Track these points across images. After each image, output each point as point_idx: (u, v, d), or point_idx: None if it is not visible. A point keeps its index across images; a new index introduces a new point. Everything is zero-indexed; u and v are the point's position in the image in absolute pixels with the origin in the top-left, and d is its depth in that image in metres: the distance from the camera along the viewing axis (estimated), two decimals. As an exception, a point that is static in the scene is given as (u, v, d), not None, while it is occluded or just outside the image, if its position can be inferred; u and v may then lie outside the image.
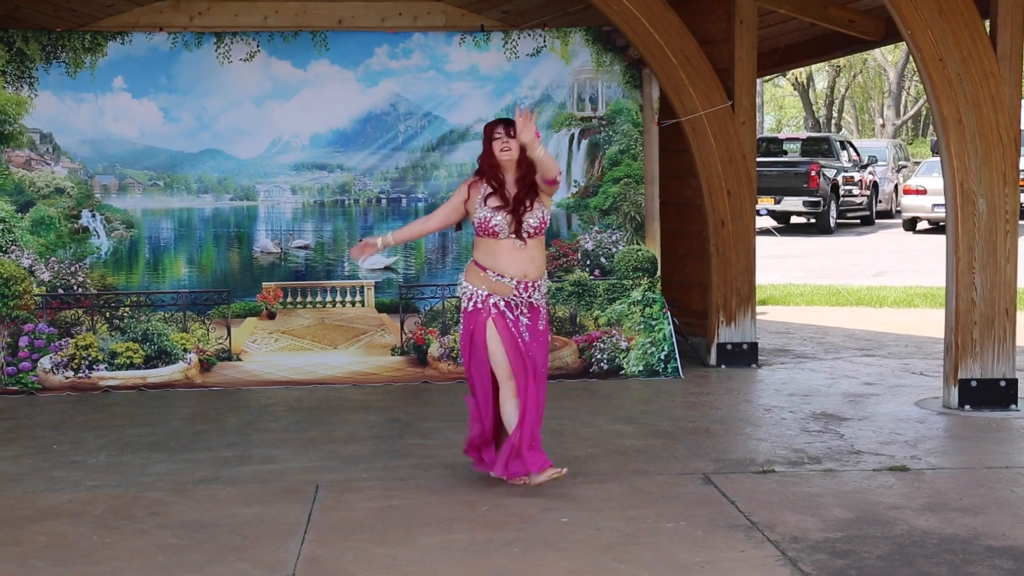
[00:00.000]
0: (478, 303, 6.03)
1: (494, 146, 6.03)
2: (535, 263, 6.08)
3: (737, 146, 9.32)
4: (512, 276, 6.02)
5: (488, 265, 6.05)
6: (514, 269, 6.02)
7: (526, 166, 6.02)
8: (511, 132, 5.98)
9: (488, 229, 6.02)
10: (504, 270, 6.02)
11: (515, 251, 6.03)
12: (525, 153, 5.97)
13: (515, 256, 6.02)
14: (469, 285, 6.08)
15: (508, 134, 6.00)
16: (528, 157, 5.97)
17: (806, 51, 12.10)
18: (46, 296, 8.93)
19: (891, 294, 14.59)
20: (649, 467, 6.46)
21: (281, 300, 9.23)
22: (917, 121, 52.19)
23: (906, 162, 33.43)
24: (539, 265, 6.12)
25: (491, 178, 6.07)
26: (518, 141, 5.91)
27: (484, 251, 6.07)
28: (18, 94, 8.89)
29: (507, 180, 6.06)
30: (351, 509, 5.71)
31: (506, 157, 6.03)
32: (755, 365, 9.57)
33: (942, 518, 5.46)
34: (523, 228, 6.00)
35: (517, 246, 6.02)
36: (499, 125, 6.07)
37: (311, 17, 9.62)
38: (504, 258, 6.02)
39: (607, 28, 9.26)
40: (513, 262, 6.02)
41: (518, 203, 6.00)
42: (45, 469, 6.53)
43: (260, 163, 9.32)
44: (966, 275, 7.75)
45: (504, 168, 6.05)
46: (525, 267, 6.04)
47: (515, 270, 6.02)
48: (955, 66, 7.57)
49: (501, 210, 5.99)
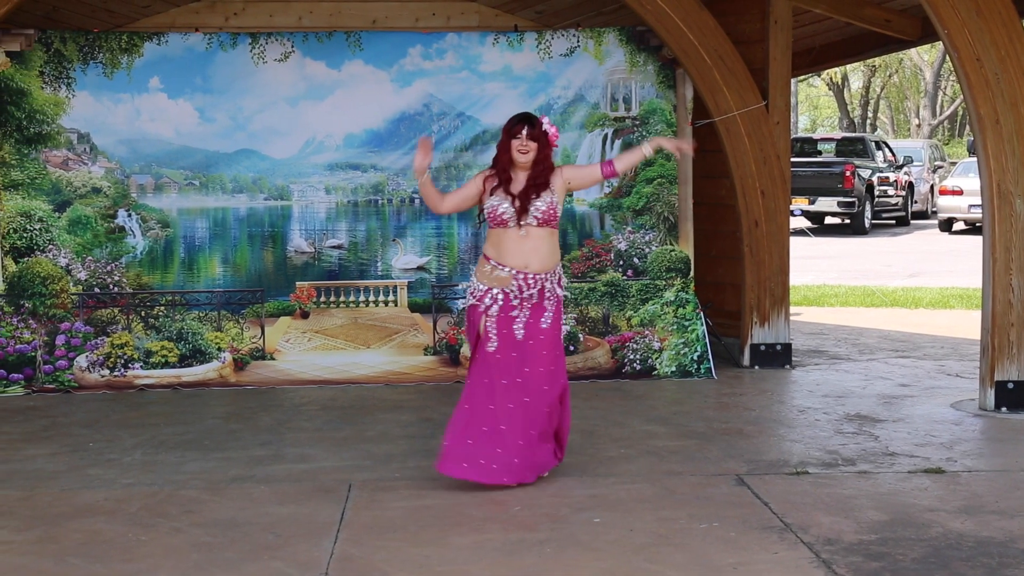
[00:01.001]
0: (475, 298, 6.07)
1: (512, 144, 6.04)
2: (538, 254, 6.03)
3: (771, 146, 9.28)
4: (512, 266, 6.01)
5: (492, 256, 6.07)
6: (515, 259, 6.01)
7: (541, 167, 6.04)
8: (532, 134, 6.01)
9: (497, 218, 6.03)
10: (505, 260, 6.02)
11: (518, 240, 6.01)
12: (541, 154, 6.02)
13: (518, 246, 6.01)
14: (473, 280, 6.13)
15: (529, 136, 6.01)
16: (543, 158, 6.02)
17: (841, 51, 12.04)
18: (83, 295, 9.00)
19: (926, 295, 14.49)
20: (682, 468, 6.44)
21: (315, 300, 9.27)
22: (953, 121, 51.80)
23: (942, 162, 33.21)
24: (542, 257, 6.05)
25: (503, 170, 6.07)
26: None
27: (491, 242, 6.10)
28: (56, 94, 8.96)
29: (517, 177, 6.07)
30: (384, 508, 5.72)
31: (523, 159, 6.04)
32: (789, 366, 9.53)
33: (978, 521, 5.42)
34: (529, 214, 5.99)
35: (521, 235, 6.00)
36: (522, 124, 6.06)
37: (345, 17, 9.65)
38: (507, 247, 6.02)
39: (641, 28, 9.24)
40: (515, 252, 6.01)
41: (525, 192, 6.00)
42: (81, 467, 6.59)
43: (294, 163, 9.36)
44: (1003, 276, 7.70)
45: (518, 166, 6.07)
46: (527, 257, 6.01)
47: (516, 260, 6.01)
48: (992, 65, 7.51)
49: (507, 198, 6.00)
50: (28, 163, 8.93)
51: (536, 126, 6.05)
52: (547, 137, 6.09)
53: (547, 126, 6.11)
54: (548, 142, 6.10)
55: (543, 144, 6.06)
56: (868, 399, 8.31)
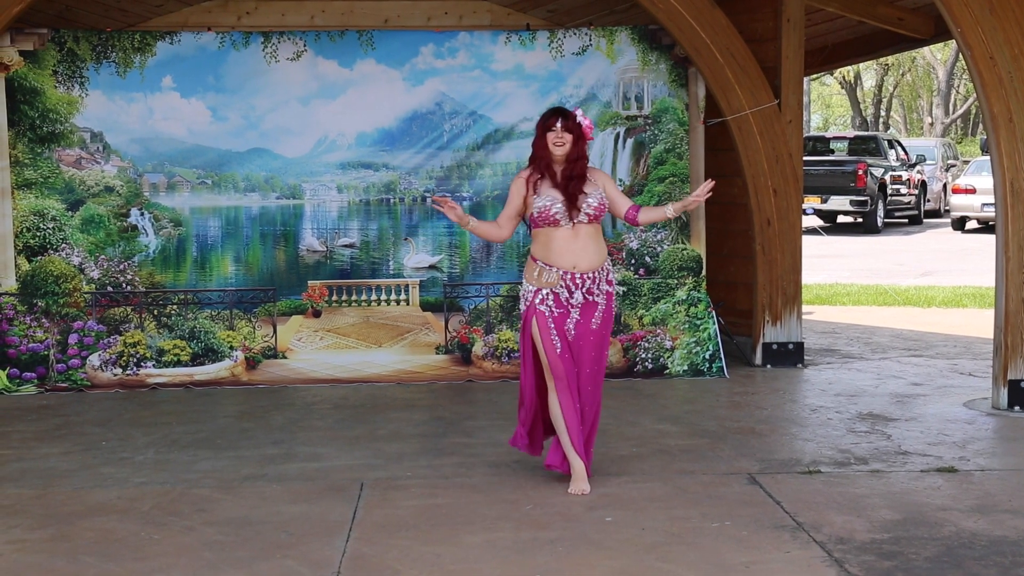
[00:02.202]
0: (527, 301, 6.03)
1: (548, 137, 6.01)
2: (587, 252, 5.98)
3: (783, 145, 9.27)
4: (560, 266, 5.96)
5: (540, 256, 6.01)
6: (564, 259, 5.96)
7: (575, 160, 6.01)
8: (567, 125, 5.99)
9: (548, 218, 5.96)
10: (554, 260, 5.96)
11: (568, 240, 5.96)
12: (576, 147, 6.00)
13: (567, 246, 5.95)
14: (524, 282, 6.09)
15: (564, 128, 5.99)
16: (578, 151, 6.00)
17: (854, 49, 12.02)
18: (95, 294, 9.02)
19: (939, 294, 14.46)
20: (694, 467, 6.43)
21: (327, 298, 9.28)
22: (966, 120, 51.64)
23: (955, 161, 33.11)
24: (591, 255, 6.00)
25: (547, 166, 6.02)
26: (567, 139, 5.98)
27: (539, 243, 6.03)
28: (69, 94, 8.98)
29: (556, 172, 6.02)
30: (396, 507, 5.73)
31: (559, 152, 6.00)
32: (801, 365, 9.51)
33: (991, 520, 5.41)
34: (581, 212, 5.94)
35: (570, 234, 5.95)
36: (556, 117, 6.04)
37: (357, 16, 9.66)
38: (556, 247, 5.96)
39: (653, 27, 9.24)
40: (564, 252, 5.95)
41: (572, 189, 5.95)
42: (94, 465, 6.61)
43: (306, 162, 9.37)
44: (1016, 275, 7.67)
45: (555, 160, 6.03)
46: (576, 257, 5.96)
47: (565, 260, 5.96)
48: (1006, 64, 7.49)
49: (558, 196, 5.95)
50: (41, 162, 8.95)
51: (570, 118, 6.03)
52: (581, 129, 6.06)
53: (580, 118, 6.08)
54: (583, 134, 6.06)
55: (578, 136, 6.03)
56: (880, 398, 8.30)
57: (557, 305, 5.97)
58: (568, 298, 5.97)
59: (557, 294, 5.96)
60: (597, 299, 6.02)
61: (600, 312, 6.03)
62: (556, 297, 5.97)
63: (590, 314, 6.00)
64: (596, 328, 6.02)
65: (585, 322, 6.00)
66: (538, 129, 6.08)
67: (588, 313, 6.00)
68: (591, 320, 6.01)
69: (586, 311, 5.99)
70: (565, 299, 5.97)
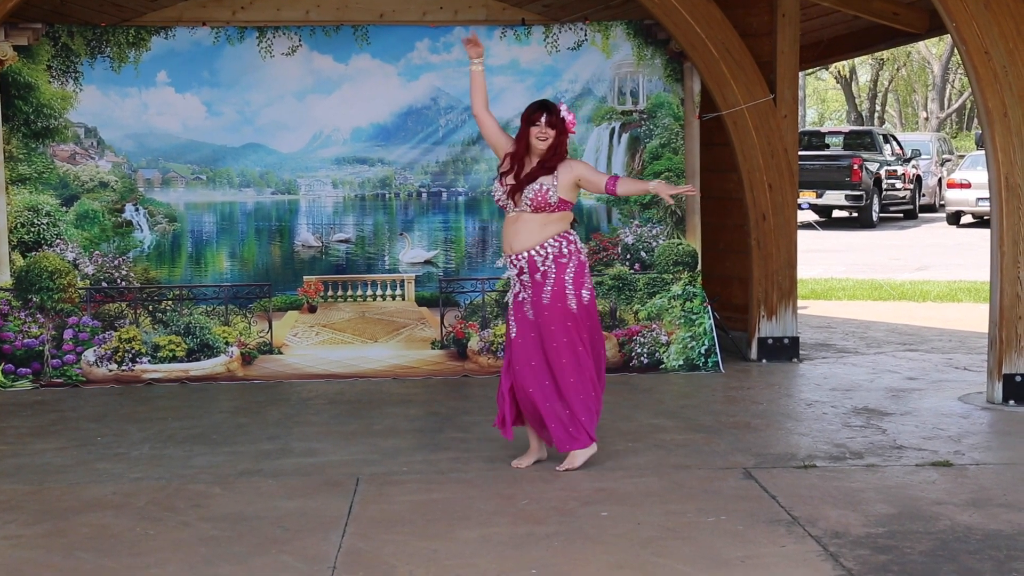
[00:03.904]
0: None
1: (532, 131, 6.13)
2: (519, 235, 6.13)
3: (779, 140, 9.27)
4: (505, 252, 6.24)
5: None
6: (506, 242, 6.23)
7: (552, 152, 6.13)
8: (551, 120, 6.09)
9: (498, 202, 6.25)
10: (504, 245, 6.26)
11: (509, 224, 6.20)
12: (557, 140, 6.11)
13: (511, 228, 6.19)
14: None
15: (548, 123, 6.09)
16: (558, 144, 6.13)
17: (849, 44, 12.01)
18: (90, 289, 9.01)
19: (934, 288, 14.47)
20: (689, 461, 6.44)
21: (322, 294, 9.28)
22: (961, 114, 51.71)
23: (950, 156, 33.15)
24: (524, 236, 6.11)
25: (519, 158, 6.16)
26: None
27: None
28: (63, 89, 8.96)
29: (532, 164, 6.15)
30: (392, 502, 5.73)
31: (541, 146, 6.13)
32: (796, 360, 9.52)
33: (986, 514, 5.42)
34: (521, 199, 6.10)
35: (511, 217, 6.18)
36: (541, 112, 6.13)
37: (352, 11, 9.65)
38: (505, 231, 6.25)
39: (648, 22, 9.23)
40: (507, 235, 6.21)
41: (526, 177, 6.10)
42: (89, 461, 6.60)
43: (301, 157, 9.36)
44: (1011, 269, 7.68)
45: (535, 153, 6.15)
46: (511, 239, 6.18)
47: (505, 244, 6.23)
48: (1000, 58, 7.49)
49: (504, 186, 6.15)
50: (36, 157, 8.94)
51: (554, 113, 6.14)
52: (564, 124, 6.17)
53: (564, 113, 6.19)
54: (565, 129, 6.18)
55: (560, 131, 6.15)
56: (876, 392, 8.31)
57: (522, 288, 6.18)
58: (518, 277, 6.19)
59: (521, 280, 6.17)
60: (541, 276, 6.10)
61: (549, 289, 6.10)
62: (518, 282, 6.19)
63: (539, 291, 6.13)
64: (548, 303, 6.09)
65: (537, 299, 6.13)
66: (522, 121, 6.19)
67: (538, 290, 6.13)
68: (542, 296, 6.12)
69: (536, 289, 6.14)
70: (515, 281, 6.20)
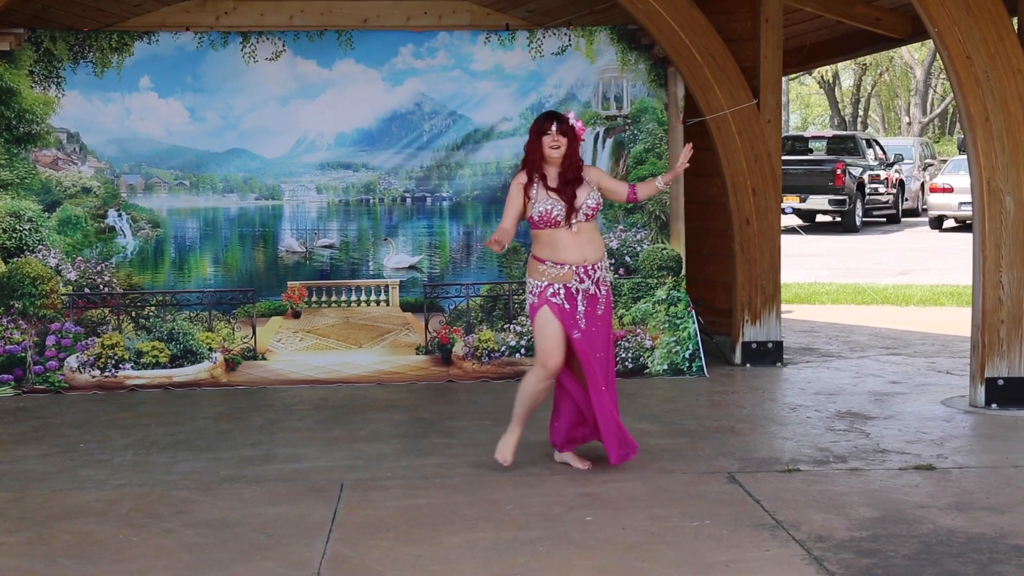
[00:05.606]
0: (536, 295, 6.24)
1: (544, 141, 6.20)
2: (592, 245, 6.26)
3: (762, 144, 9.29)
4: (571, 262, 6.19)
5: (547, 256, 6.22)
6: (573, 255, 6.20)
7: (570, 161, 6.22)
8: (562, 128, 6.18)
9: (550, 220, 6.17)
10: (564, 258, 6.19)
11: (572, 238, 6.20)
12: (570, 149, 6.20)
13: (574, 242, 6.20)
14: (530, 279, 6.29)
15: (559, 131, 6.18)
16: (571, 152, 6.21)
17: (832, 49, 12.07)
18: (73, 295, 8.98)
19: (917, 292, 14.52)
20: (674, 466, 6.45)
21: (306, 299, 9.26)
22: (944, 119, 51.89)
23: (932, 160, 33.25)
24: (597, 247, 6.29)
25: (538, 170, 6.22)
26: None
27: (543, 243, 6.24)
28: (46, 94, 8.94)
29: (550, 174, 6.22)
30: (376, 508, 5.72)
31: (555, 155, 6.20)
32: (780, 364, 9.54)
33: (969, 517, 5.43)
34: (580, 212, 6.17)
35: (573, 232, 6.18)
36: (551, 121, 6.22)
37: (336, 16, 9.64)
38: (563, 245, 6.19)
39: (632, 27, 9.25)
40: (572, 249, 6.20)
41: (570, 192, 6.17)
42: (72, 468, 6.57)
43: (285, 162, 9.34)
44: (993, 273, 7.71)
45: (550, 163, 6.21)
46: (584, 251, 6.21)
47: (574, 256, 6.20)
48: (982, 63, 7.52)
49: (557, 200, 6.16)
50: (17, 163, 8.91)
51: (564, 122, 6.24)
52: (575, 132, 6.26)
53: (573, 121, 6.29)
54: (576, 137, 6.27)
55: (572, 139, 6.24)
56: (859, 396, 8.32)
57: (568, 299, 6.18)
58: (579, 287, 6.19)
59: (569, 288, 6.17)
60: (601, 289, 6.28)
61: (603, 299, 6.28)
62: (567, 291, 6.18)
63: (595, 303, 6.24)
64: (602, 314, 6.27)
65: (592, 310, 6.22)
66: (532, 133, 6.27)
67: (594, 302, 6.24)
68: (596, 308, 6.24)
69: (591, 301, 6.23)
70: (576, 290, 6.19)
